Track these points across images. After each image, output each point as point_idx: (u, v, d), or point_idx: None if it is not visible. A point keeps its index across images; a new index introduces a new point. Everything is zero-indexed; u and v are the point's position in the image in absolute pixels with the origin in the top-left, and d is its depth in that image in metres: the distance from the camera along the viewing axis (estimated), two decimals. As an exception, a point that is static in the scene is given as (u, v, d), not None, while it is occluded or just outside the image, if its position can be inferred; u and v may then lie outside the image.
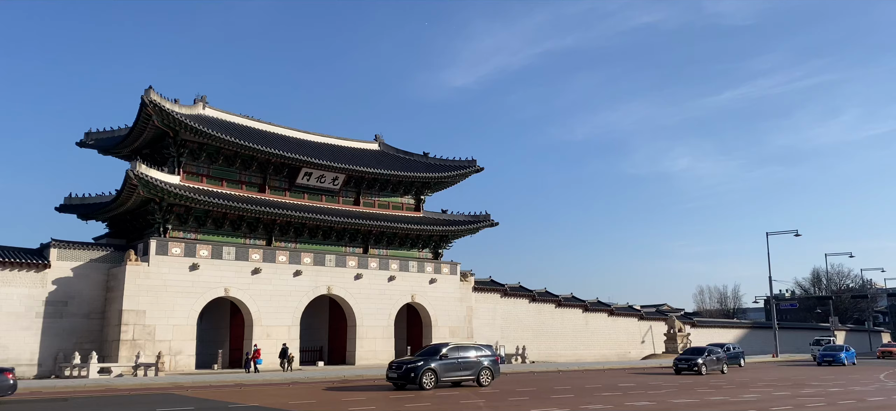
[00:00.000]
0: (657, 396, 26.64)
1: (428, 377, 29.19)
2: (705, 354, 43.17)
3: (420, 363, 29.56)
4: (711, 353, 43.80)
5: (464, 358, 30.92)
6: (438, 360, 29.89)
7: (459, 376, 30.63)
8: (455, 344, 31.61)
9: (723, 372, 43.73)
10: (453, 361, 30.40)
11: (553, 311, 67.94)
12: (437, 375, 29.47)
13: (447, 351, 30.57)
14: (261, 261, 47.34)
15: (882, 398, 26.89)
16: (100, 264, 44.08)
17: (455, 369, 30.32)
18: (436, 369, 29.46)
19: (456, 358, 30.55)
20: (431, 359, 29.86)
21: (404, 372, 29.30)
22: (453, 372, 30.30)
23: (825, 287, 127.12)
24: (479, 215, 59.84)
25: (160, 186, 41.29)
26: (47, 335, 41.21)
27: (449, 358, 30.31)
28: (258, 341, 45.75)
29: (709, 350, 44.43)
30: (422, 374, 29.04)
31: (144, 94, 41.43)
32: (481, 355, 31.74)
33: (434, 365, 29.51)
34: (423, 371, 29.12)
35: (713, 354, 43.88)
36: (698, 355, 43.15)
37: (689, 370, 42.07)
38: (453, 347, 31.13)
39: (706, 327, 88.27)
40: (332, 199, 53.72)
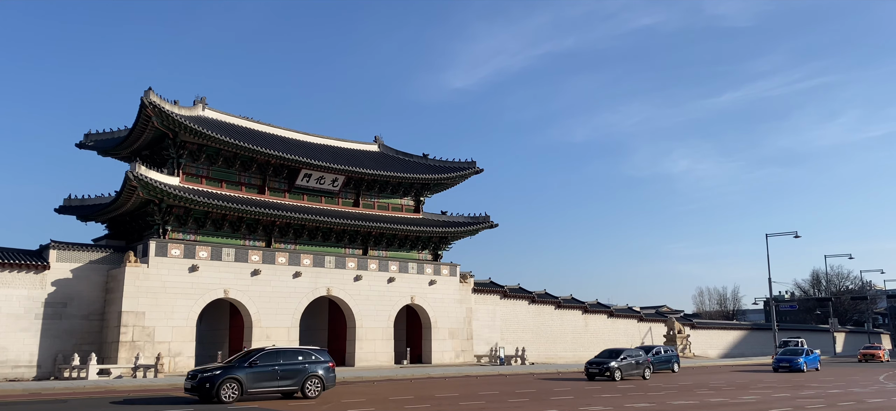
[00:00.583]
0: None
1: (228, 389, 24.18)
2: (621, 357, 38.87)
3: (219, 372, 24.68)
4: (630, 356, 39.76)
5: (285, 365, 25.91)
6: (246, 368, 24.94)
7: (277, 387, 25.69)
8: (274, 349, 26.57)
9: (644, 377, 39.65)
10: (267, 369, 25.42)
11: (553, 313, 67.92)
12: (243, 386, 24.50)
13: (259, 357, 25.71)
14: (260, 262, 47.33)
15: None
16: (99, 265, 44.06)
17: (271, 379, 25.38)
18: (241, 379, 24.50)
19: (272, 366, 25.58)
20: (236, 368, 24.96)
21: (199, 383, 24.39)
22: (268, 383, 25.34)
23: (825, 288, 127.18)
24: (479, 217, 59.83)
25: (160, 188, 41.28)
26: (46, 336, 41.17)
27: (261, 366, 25.35)
28: (257, 343, 45.73)
29: (626, 352, 40.01)
30: (219, 386, 24.08)
31: (144, 96, 41.42)
32: (310, 361, 26.72)
33: (240, 375, 24.60)
34: (221, 381, 24.15)
35: (631, 357, 39.80)
36: (613, 358, 38.85)
37: (601, 375, 37.80)
38: (271, 352, 26.21)
39: (705, 328, 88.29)
40: (332, 201, 53.71)
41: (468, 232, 58.42)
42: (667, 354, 49.83)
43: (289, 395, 26.47)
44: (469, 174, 58.92)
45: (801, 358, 48.20)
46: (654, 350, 48.84)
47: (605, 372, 37.70)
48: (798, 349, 50.88)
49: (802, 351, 50.12)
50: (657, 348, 49.91)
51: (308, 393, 26.12)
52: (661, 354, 49.12)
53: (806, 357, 48.85)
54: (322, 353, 27.71)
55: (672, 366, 49.00)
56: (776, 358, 49.45)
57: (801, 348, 51.04)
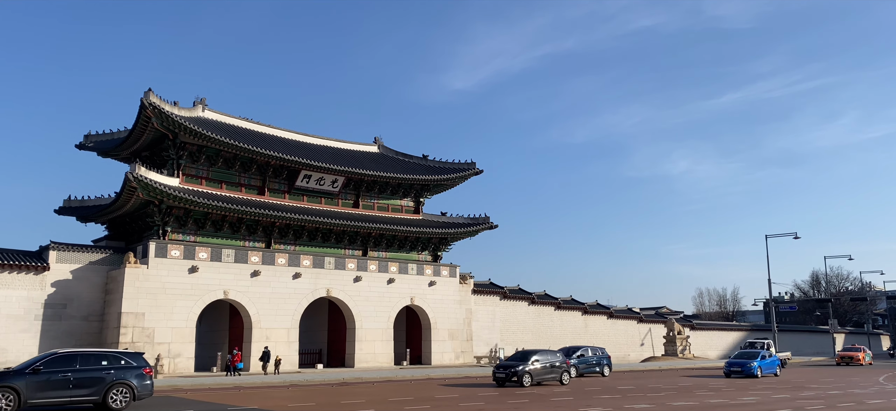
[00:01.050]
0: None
1: (2, 399, 20.32)
2: (531, 360, 34.27)
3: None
4: (544, 358, 35.24)
5: (81, 372, 21.69)
6: (27, 376, 20.99)
7: (70, 398, 21.49)
8: (68, 352, 22.38)
9: (562, 382, 35.32)
10: (57, 376, 21.30)
11: (552, 314, 67.92)
12: (22, 397, 20.57)
13: (48, 361, 21.67)
14: (260, 263, 47.33)
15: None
16: (99, 266, 44.05)
17: (61, 387, 21.27)
18: (18, 388, 20.59)
19: (63, 372, 21.41)
20: (14, 375, 21.17)
21: None
22: (58, 393, 21.21)
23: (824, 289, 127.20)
24: (479, 218, 59.84)
25: (159, 189, 41.27)
26: (46, 337, 41.16)
27: (47, 372, 21.26)
28: (257, 344, 45.74)
29: (541, 354, 35.52)
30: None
31: (144, 97, 41.43)
32: (117, 367, 22.48)
33: (18, 383, 20.70)
34: None
35: (546, 359, 35.28)
36: (523, 361, 34.42)
37: (509, 380, 33.50)
38: (63, 356, 22.08)
39: (705, 330, 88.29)
40: (332, 202, 53.70)
41: (468, 233, 58.43)
42: (596, 356, 45.43)
43: (89, 408, 22.40)
44: (469, 175, 58.92)
45: (754, 362, 42.72)
46: (578, 352, 44.52)
47: (512, 378, 33.23)
48: (753, 352, 45.39)
49: (759, 354, 44.45)
50: (584, 350, 45.53)
51: (112, 404, 21.92)
52: (588, 356, 44.98)
53: (762, 361, 43.43)
54: (135, 358, 23.43)
55: (602, 370, 44.83)
56: (727, 362, 44.26)
57: (759, 351, 45.47)
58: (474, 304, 60.11)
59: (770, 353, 46.04)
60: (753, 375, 41.85)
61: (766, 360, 44.11)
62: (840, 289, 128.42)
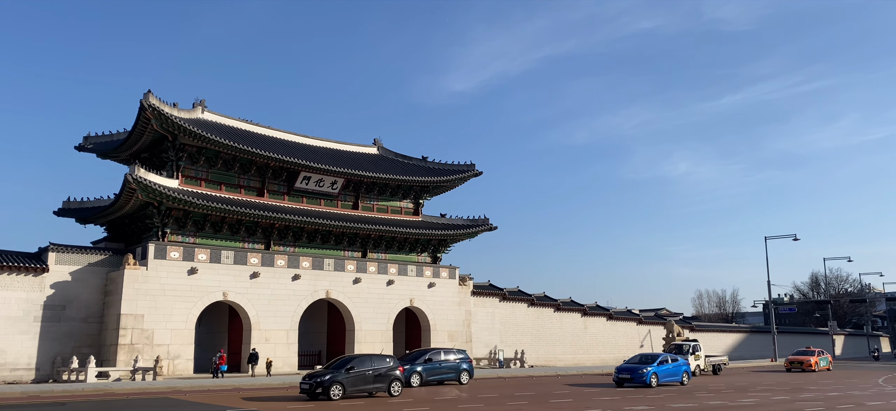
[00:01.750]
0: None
1: None
2: (345, 368, 28.29)
3: None
4: (364, 366, 28.93)
5: None
6: None
7: None
8: None
9: (391, 393, 29.12)
10: None
11: (552, 315, 67.89)
12: None
13: None
14: (259, 265, 47.31)
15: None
16: (98, 268, 44.02)
17: None
18: None
19: None
20: None
21: None
22: None
23: (824, 291, 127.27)
24: (478, 219, 59.83)
25: (159, 190, 41.25)
26: (45, 339, 41.12)
27: None
28: (257, 345, 45.71)
29: (362, 360, 29.47)
30: None
31: (143, 98, 41.41)
32: None
33: None
34: None
35: (366, 368, 28.90)
36: (337, 370, 28.34)
37: (312, 392, 27.46)
38: None
39: (705, 331, 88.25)
40: (331, 203, 53.68)
41: (467, 234, 58.42)
42: (451, 362, 37.65)
43: None
44: (468, 177, 58.92)
45: (648, 367, 35.44)
46: (425, 356, 36.89)
47: (316, 390, 27.30)
48: (651, 356, 38.30)
49: (658, 358, 37.19)
50: (433, 353, 37.57)
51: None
52: (439, 361, 36.99)
53: (658, 367, 36.06)
54: None
55: (458, 376, 37.58)
56: (617, 368, 36.94)
57: (656, 354, 38.35)
58: (474, 306, 60.09)
59: (676, 358, 38.45)
60: (646, 384, 34.53)
61: (665, 366, 36.70)
62: (839, 290, 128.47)
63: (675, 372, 37.41)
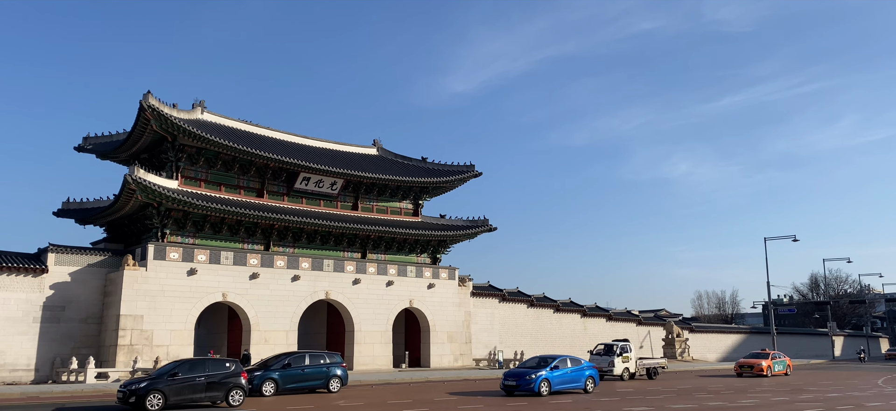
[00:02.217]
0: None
1: None
2: (169, 374, 24.82)
3: None
4: (190, 371, 25.14)
5: None
6: None
7: None
8: None
9: (230, 403, 25.54)
10: None
11: (551, 316, 67.88)
12: None
13: None
14: (259, 265, 47.29)
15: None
16: (97, 269, 43.99)
17: None
18: None
19: None
20: None
21: None
22: None
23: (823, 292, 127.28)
24: (478, 220, 59.83)
25: (158, 191, 41.23)
26: (44, 340, 41.09)
27: None
28: (256, 346, 45.68)
29: (183, 366, 25.39)
30: None
31: (143, 99, 41.41)
32: None
33: None
34: None
35: (193, 373, 25.11)
36: (159, 376, 24.86)
37: (125, 401, 24.17)
38: None
39: (704, 332, 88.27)
40: (331, 204, 53.67)
41: (467, 235, 58.42)
42: (318, 367, 32.03)
43: None
44: (468, 177, 58.92)
45: (541, 372, 30.01)
46: (284, 361, 31.35)
47: (129, 399, 23.92)
48: (549, 358, 32.05)
49: (554, 361, 31.32)
50: (295, 357, 31.80)
51: None
52: (300, 366, 31.36)
53: (553, 372, 30.45)
54: None
55: (328, 384, 31.86)
56: (505, 374, 31.17)
57: (553, 356, 32.47)
58: (473, 307, 60.07)
59: (579, 361, 32.95)
60: (535, 393, 29.43)
61: (562, 371, 30.99)
62: (839, 291, 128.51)
63: (576, 378, 31.56)
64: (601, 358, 41.96)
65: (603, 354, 42.71)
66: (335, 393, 31.51)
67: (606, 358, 42.01)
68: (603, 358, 42.08)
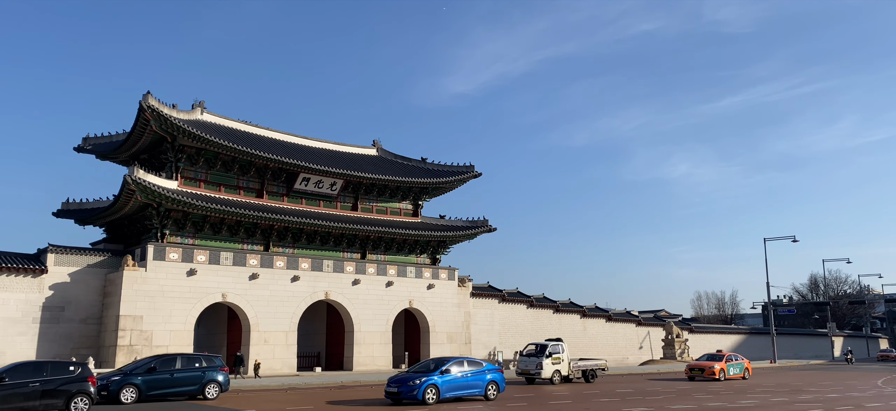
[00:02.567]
0: None
1: None
2: None
3: None
4: (20, 376, 22.35)
5: None
6: None
7: None
8: None
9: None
10: None
11: (551, 317, 67.88)
12: None
13: None
14: (258, 266, 47.29)
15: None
16: (97, 269, 43.99)
17: None
18: None
19: None
20: None
21: None
22: None
23: (823, 293, 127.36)
24: (477, 221, 59.84)
25: (158, 191, 41.24)
26: (44, 340, 41.08)
27: None
28: (255, 347, 45.68)
29: (11, 371, 22.50)
30: None
31: (142, 100, 41.42)
32: None
33: None
34: None
35: (24, 378, 22.32)
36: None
37: None
38: None
39: (703, 333, 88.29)
40: (330, 205, 53.68)
41: (466, 236, 58.43)
42: (189, 371, 27.76)
43: None
44: (467, 178, 58.94)
45: (429, 378, 25.73)
46: (148, 364, 27.32)
47: None
48: (442, 359, 28.12)
49: (450, 362, 27.27)
50: (163, 361, 27.71)
51: None
52: (168, 370, 27.30)
53: (444, 377, 26.18)
54: None
55: (203, 390, 27.82)
56: (389, 380, 26.99)
57: (443, 359, 28.12)
58: (473, 307, 60.08)
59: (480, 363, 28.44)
60: (420, 401, 25.36)
61: (454, 377, 26.49)
62: (838, 292, 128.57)
63: (474, 384, 27.21)
64: (528, 360, 37.93)
65: (531, 355, 38.42)
66: (212, 399, 27.79)
67: (534, 359, 37.66)
68: (530, 359, 37.86)
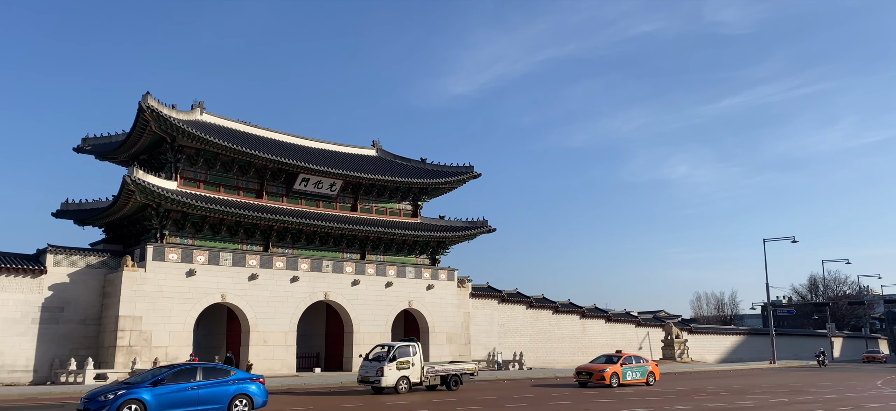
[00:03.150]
0: None
1: None
2: None
3: None
4: None
5: None
6: None
7: None
8: None
9: None
10: None
11: (550, 317, 67.87)
12: None
13: None
14: (258, 266, 47.27)
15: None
16: (96, 270, 43.95)
17: None
18: None
19: None
20: None
21: None
22: None
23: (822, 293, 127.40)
24: (477, 221, 59.83)
25: (157, 192, 41.21)
26: (43, 341, 41.04)
27: None
28: (255, 347, 45.65)
29: None
30: None
31: (142, 100, 41.40)
32: None
33: None
34: None
35: None
36: None
37: None
38: None
39: (703, 333, 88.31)
40: (330, 205, 53.65)
41: (466, 236, 58.42)
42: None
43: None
44: (467, 178, 58.93)
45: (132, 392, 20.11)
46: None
47: None
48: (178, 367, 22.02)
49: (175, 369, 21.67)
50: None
51: None
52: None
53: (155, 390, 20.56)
54: None
55: None
56: (85, 396, 20.87)
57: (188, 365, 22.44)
58: (472, 308, 60.06)
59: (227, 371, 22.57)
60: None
61: (172, 389, 20.84)
62: (838, 292, 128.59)
63: (209, 399, 21.53)
64: (370, 365, 32.12)
65: (376, 359, 32.33)
66: None
67: (374, 364, 31.79)
68: (371, 364, 32.05)
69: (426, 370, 33.55)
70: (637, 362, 38.95)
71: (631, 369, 37.83)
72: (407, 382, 32.22)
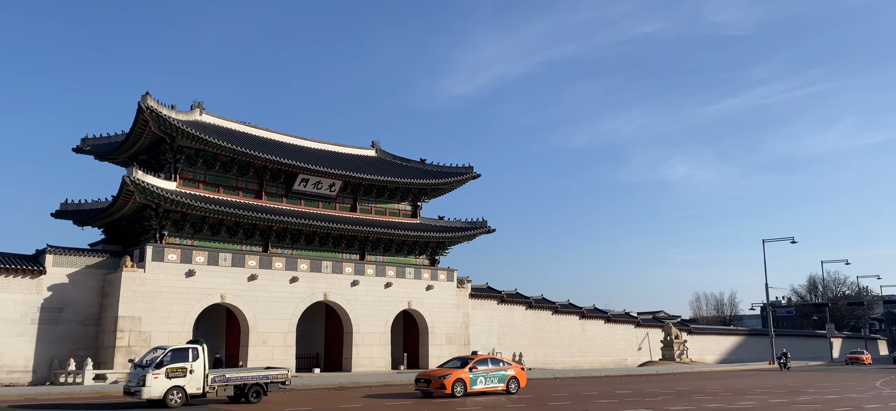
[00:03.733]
0: None
1: None
2: None
3: None
4: None
5: None
6: None
7: None
8: None
9: None
10: None
11: (550, 318, 67.86)
12: None
13: None
14: (257, 267, 47.25)
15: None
16: (95, 270, 43.94)
17: None
18: None
19: None
20: None
21: None
22: None
23: (821, 294, 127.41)
24: (476, 222, 59.82)
25: (156, 192, 41.20)
26: (42, 341, 41.02)
27: None
28: (254, 348, 45.62)
29: None
30: None
31: (141, 100, 41.39)
32: None
33: None
34: None
35: None
36: None
37: None
38: None
39: (702, 334, 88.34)
40: (329, 206, 53.65)
41: (465, 237, 58.40)
42: None
43: None
44: (466, 179, 58.93)
45: None
46: None
47: None
48: None
49: None
50: None
51: None
52: None
53: None
54: None
55: None
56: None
57: None
58: (472, 308, 60.05)
59: None
60: None
61: None
62: (837, 293, 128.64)
63: None
64: (133, 374, 26.44)
65: (146, 365, 26.09)
66: None
67: (137, 372, 26.02)
68: (135, 372, 26.38)
69: (212, 378, 26.88)
70: (494, 365, 32.66)
71: (484, 375, 31.47)
72: (181, 393, 25.73)
